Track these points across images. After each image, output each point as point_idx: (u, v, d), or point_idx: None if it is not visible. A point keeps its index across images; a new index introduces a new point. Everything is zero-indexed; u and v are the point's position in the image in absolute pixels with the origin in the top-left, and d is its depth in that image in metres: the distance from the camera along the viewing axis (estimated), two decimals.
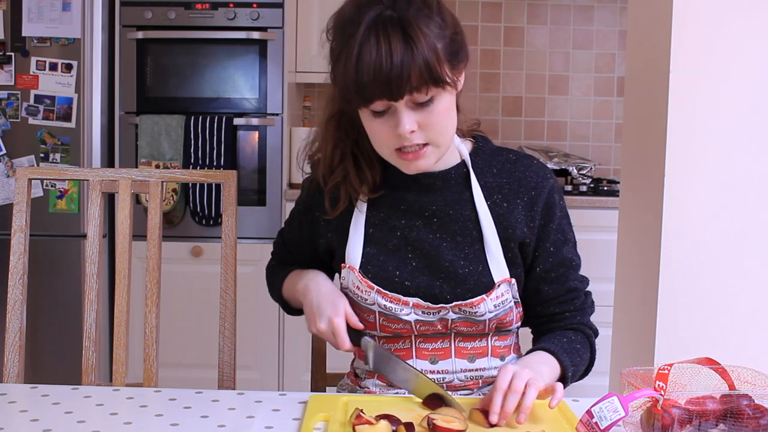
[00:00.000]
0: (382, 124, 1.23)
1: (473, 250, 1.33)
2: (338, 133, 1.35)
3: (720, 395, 1.07)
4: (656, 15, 1.73)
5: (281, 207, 3.21)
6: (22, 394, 1.29)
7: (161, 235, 1.57)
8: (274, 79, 3.17)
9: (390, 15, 1.18)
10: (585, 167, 3.49)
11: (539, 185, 1.36)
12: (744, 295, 1.69)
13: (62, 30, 3.01)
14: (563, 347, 1.33)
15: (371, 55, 1.16)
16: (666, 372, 1.04)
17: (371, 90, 1.18)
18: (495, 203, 1.35)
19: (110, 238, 3.14)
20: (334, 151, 1.35)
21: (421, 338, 1.33)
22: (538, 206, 1.35)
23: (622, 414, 1.02)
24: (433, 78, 1.18)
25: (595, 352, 1.41)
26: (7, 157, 3.04)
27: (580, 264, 1.42)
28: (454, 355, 1.33)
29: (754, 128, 1.67)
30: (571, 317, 1.39)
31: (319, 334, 1.33)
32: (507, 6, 3.80)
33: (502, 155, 1.40)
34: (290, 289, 1.47)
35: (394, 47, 1.16)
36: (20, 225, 1.55)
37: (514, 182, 1.36)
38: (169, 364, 2.65)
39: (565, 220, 1.39)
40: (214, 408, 1.22)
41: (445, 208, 1.34)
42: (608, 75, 3.85)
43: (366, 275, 1.33)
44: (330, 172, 1.36)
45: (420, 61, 1.16)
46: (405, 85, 1.17)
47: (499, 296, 1.31)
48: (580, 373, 1.37)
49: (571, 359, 1.33)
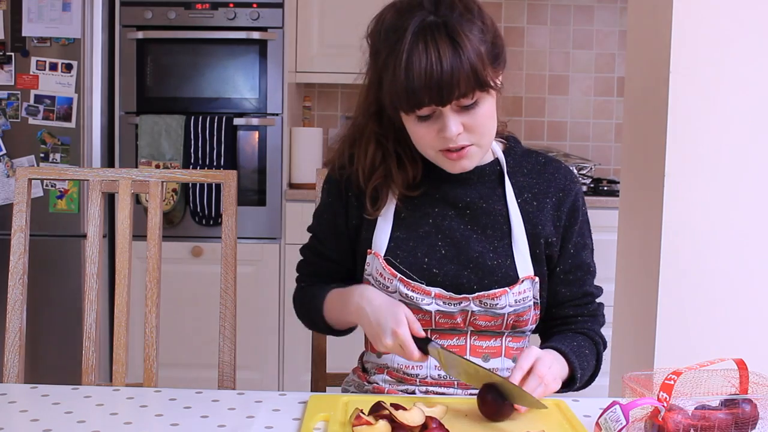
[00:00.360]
0: (428, 128, 1.26)
1: (502, 244, 1.35)
2: (380, 130, 1.36)
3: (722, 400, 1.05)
4: (656, 15, 1.73)
5: (281, 207, 3.21)
6: (22, 394, 1.29)
7: (161, 235, 1.57)
8: (274, 79, 3.17)
9: (435, 21, 1.20)
10: (585, 167, 3.49)
11: (567, 188, 1.40)
12: (744, 294, 1.69)
13: (62, 30, 3.01)
14: (573, 350, 1.33)
15: (421, 62, 1.18)
16: (671, 383, 1.02)
17: (421, 96, 1.20)
18: (525, 201, 1.38)
19: (110, 238, 3.14)
20: (376, 152, 1.36)
21: (437, 334, 1.34)
22: (565, 207, 1.39)
23: (624, 423, 1.01)
24: (479, 83, 1.21)
25: (600, 362, 1.41)
26: (7, 157, 3.04)
27: (596, 272, 1.44)
28: (469, 352, 1.34)
29: (754, 128, 1.67)
30: (583, 322, 1.41)
31: (388, 350, 1.27)
32: (507, 6, 3.80)
33: (532, 157, 1.43)
34: (337, 312, 1.40)
35: (443, 53, 1.18)
36: (20, 225, 1.55)
37: (543, 183, 1.40)
38: (169, 364, 2.65)
39: (586, 226, 1.43)
40: (214, 408, 1.22)
41: (479, 201, 1.37)
42: (608, 75, 3.85)
43: (395, 259, 1.34)
44: (371, 172, 1.36)
45: (467, 66, 1.19)
46: (454, 91, 1.20)
47: (522, 292, 1.33)
48: (585, 379, 1.37)
49: (580, 363, 1.33)
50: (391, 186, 1.36)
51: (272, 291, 3.22)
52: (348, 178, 1.40)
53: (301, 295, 1.49)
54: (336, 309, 1.39)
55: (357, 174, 1.37)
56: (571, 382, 1.32)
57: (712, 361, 1.06)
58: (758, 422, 1.04)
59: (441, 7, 1.22)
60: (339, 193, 1.41)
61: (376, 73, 1.28)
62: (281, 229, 3.22)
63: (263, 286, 3.21)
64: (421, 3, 1.23)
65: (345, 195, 1.41)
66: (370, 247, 1.37)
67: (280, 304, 3.23)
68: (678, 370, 1.04)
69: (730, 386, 1.10)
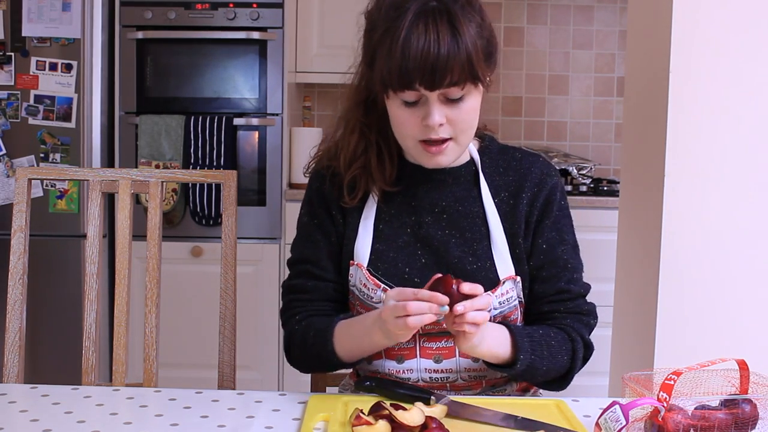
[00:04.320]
0: (411, 114, 1.25)
1: (481, 246, 1.34)
2: (365, 119, 1.36)
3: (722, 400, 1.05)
4: (656, 15, 1.73)
5: (281, 207, 3.21)
6: (22, 394, 1.29)
7: (161, 235, 1.57)
8: (274, 79, 3.17)
9: (437, 6, 1.20)
10: (585, 167, 3.49)
11: (542, 182, 1.38)
12: (744, 294, 1.69)
13: (62, 30, 3.01)
14: (528, 333, 1.29)
15: (419, 42, 1.18)
16: (671, 383, 1.01)
17: (413, 76, 1.19)
18: (502, 201, 1.37)
19: (110, 238, 3.13)
20: (359, 141, 1.36)
21: (425, 337, 1.33)
22: (538, 202, 1.37)
23: (623, 423, 1.01)
24: (472, 74, 1.21)
25: (578, 362, 1.34)
26: (7, 157, 3.04)
27: (579, 268, 1.39)
28: (458, 354, 1.33)
29: (754, 128, 1.67)
30: (562, 318, 1.35)
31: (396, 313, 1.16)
32: (507, 6, 3.80)
33: (508, 153, 1.42)
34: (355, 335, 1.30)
35: (442, 37, 1.18)
36: (20, 225, 1.55)
37: (519, 179, 1.38)
38: (169, 364, 2.65)
39: (564, 221, 1.39)
40: (214, 408, 1.22)
41: (455, 205, 1.36)
42: (608, 75, 3.85)
43: (376, 272, 1.33)
44: (352, 161, 1.36)
45: (464, 54, 1.19)
46: (446, 76, 1.19)
47: (504, 293, 1.32)
48: (543, 371, 1.30)
49: (532, 348, 1.27)
50: (369, 179, 1.35)
51: (272, 291, 3.21)
52: (333, 172, 1.39)
53: (299, 330, 1.36)
54: (354, 332, 1.30)
55: (339, 162, 1.37)
56: (513, 364, 1.26)
57: (712, 361, 1.06)
58: (758, 422, 1.04)
59: None
60: (324, 211, 1.39)
61: (370, 50, 1.27)
62: (281, 229, 3.22)
63: (263, 286, 3.21)
64: None
65: (329, 212, 1.39)
66: (351, 259, 1.36)
67: (280, 304, 3.23)
68: (678, 370, 1.03)
69: (730, 386, 1.10)
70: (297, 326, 1.37)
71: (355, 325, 1.30)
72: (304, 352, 1.35)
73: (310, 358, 1.36)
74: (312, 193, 1.42)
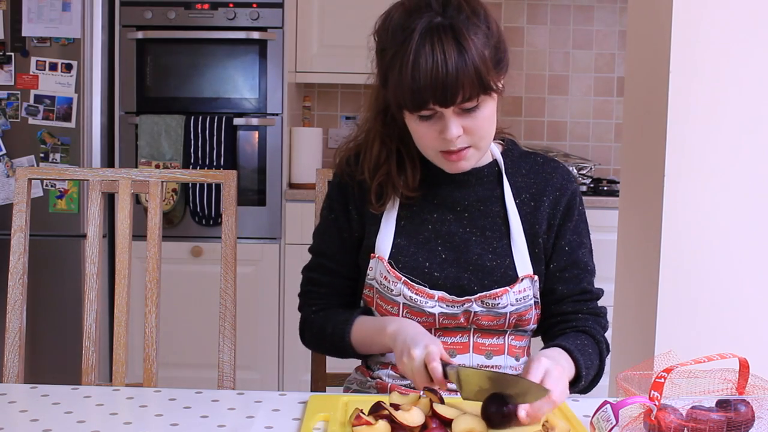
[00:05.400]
0: (428, 128, 1.28)
1: (501, 244, 1.37)
2: (385, 129, 1.38)
3: (716, 400, 1.05)
4: (656, 15, 1.73)
5: (281, 207, 3.21)
6: (22, 394, 1.29)
7: (161, 235, 1.57)
8: (274, 79, 3.17)
9: (442, 22, 1.22)
10: (585, 167, 3.49)
11: (564, 187, 1.41)
12: (744, 294, 1.69)
13: (62, 30, 3.01)
14: (578, 347, 1.32)
15: (427, 63, 1.20)
16: (662, 381, 1.00)
17: (425, 96, 1.22)
18: (523, 202, 1.40)
19: (110, 238, 3.14)
20: (381, 150, 1.38)
21: (441, 331, 1.35)
22: (561, 206, 1.40)
23: (614, 422, 1.01)
24: (482, 86, 1.23)
25: (604, 364, 1.39)
26: (7, 157, 3.04)
27: (595, 272, 1.43)
28: (472, 350, 1.35)
29: (754, 128, 1.67)
30: (584, 319, 1.39)
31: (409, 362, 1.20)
32: (507, 6, 3.80)
33: (530, 158, 1.45)
34: (370, 333, 1.36)
35: (449, 56, 1.20)
36: (20, 225, 1.55)
37: (541, 183, 1.41)
38: (169, 364, 2.65)
39: (583, 225, 1.43)
40: (214, 408, 1.22)
41: (477, 204, 1.39)
42: (608, 75, 3.85)
43: (396, 266, 1.35)
44: (376, 170, 1.38)
45: (471, 70, 1.20)
46: (458, 93, 1.21)
47: (522, 291, 1.34)
48: (590, 378, 1.34)
49: (585, 361, 1.31)
50: (393, 185, 1.38)
51: (272, 291, 3.22)
52: (351, 176, 1.41)
53: (316, 319, 1.44)
54: (370, 330, 1.36)
55: (362, 170, 1.39)
56: (576, 381, 1.30)
57: (710, 357, 1.06)
58: (755, 422, 1.03)
59: (449, 8, 1.23)
60: (341, 207, 1.43)
61: (383, 71, 1.29)
62: (281, 229, 3.22)
63: (263, 286, 3.21)
64: (430, 3, 1.24)
65: (346, 208, 1.42)
66: (372, 252, 1.38)
67: (280, 304, 3.23)
68: (669, 367, 1.03)
69: (727, 386, 1.09)
70: (314, 315, 1.45)
71: (373, 322, 1.37)
72: (321, 339, 1.44)
73: (324, 345, 1.45)
74: (333, 188, 1.46)
